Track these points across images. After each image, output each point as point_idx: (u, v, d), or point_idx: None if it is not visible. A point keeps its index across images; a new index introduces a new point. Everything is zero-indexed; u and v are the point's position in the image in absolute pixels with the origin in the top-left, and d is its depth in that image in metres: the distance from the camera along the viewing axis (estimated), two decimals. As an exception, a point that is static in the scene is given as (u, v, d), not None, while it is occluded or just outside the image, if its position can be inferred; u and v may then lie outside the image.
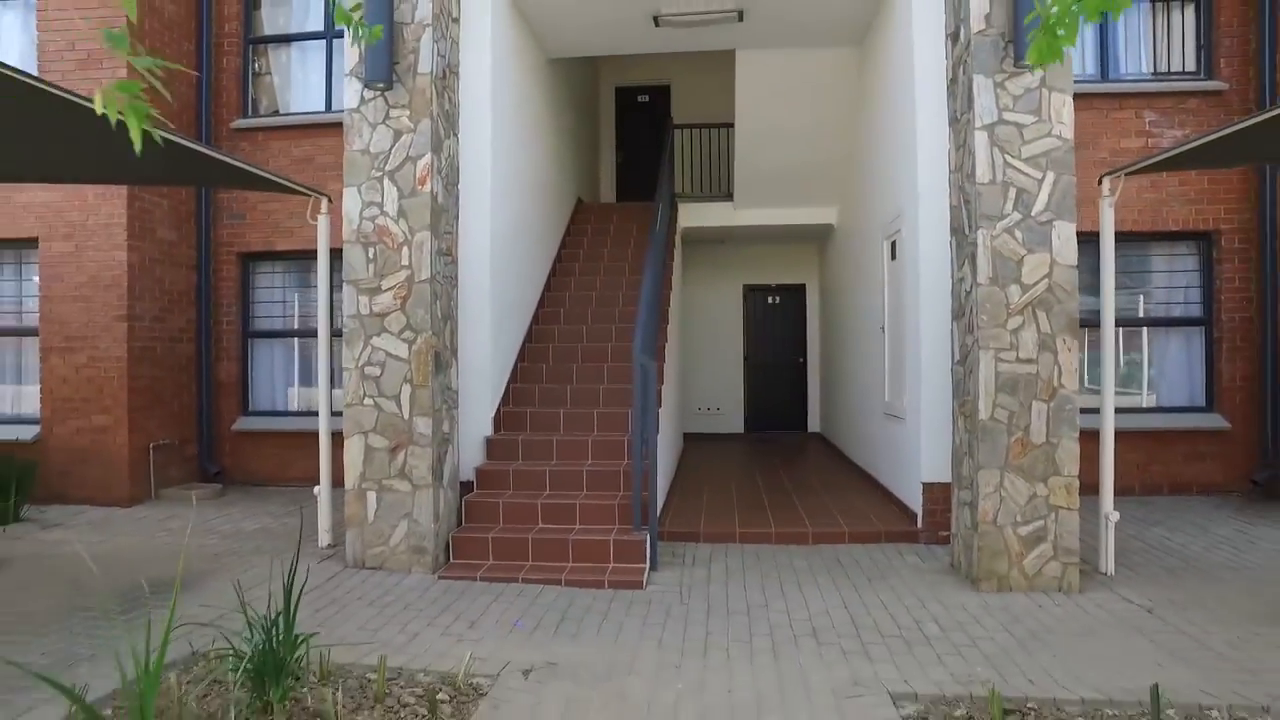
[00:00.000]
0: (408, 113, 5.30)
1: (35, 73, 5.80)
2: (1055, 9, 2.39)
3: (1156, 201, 7.57)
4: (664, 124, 11.29)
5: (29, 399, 7.76)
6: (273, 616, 3.09)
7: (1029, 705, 3.21)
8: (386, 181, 5.30)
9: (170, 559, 5.47)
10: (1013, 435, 4.85)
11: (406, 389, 5.24)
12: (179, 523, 6.63)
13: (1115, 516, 5.14)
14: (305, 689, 3.19)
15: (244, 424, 8.45)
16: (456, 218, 5.82)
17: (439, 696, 3.23)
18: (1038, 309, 4.86)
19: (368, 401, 5.30)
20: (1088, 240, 6.19)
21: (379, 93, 5.32)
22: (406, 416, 5.22)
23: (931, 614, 4.40)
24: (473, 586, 4.91)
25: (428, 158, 5.27)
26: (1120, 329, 7.88)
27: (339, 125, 6.93)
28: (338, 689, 3.17)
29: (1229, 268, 7.55)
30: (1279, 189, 7.29)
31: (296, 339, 8.63)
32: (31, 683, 3.05)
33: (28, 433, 7.39)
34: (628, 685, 3.48)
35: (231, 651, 3.04)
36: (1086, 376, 7.60)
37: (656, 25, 7.42)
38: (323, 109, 8.46)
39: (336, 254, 5.84)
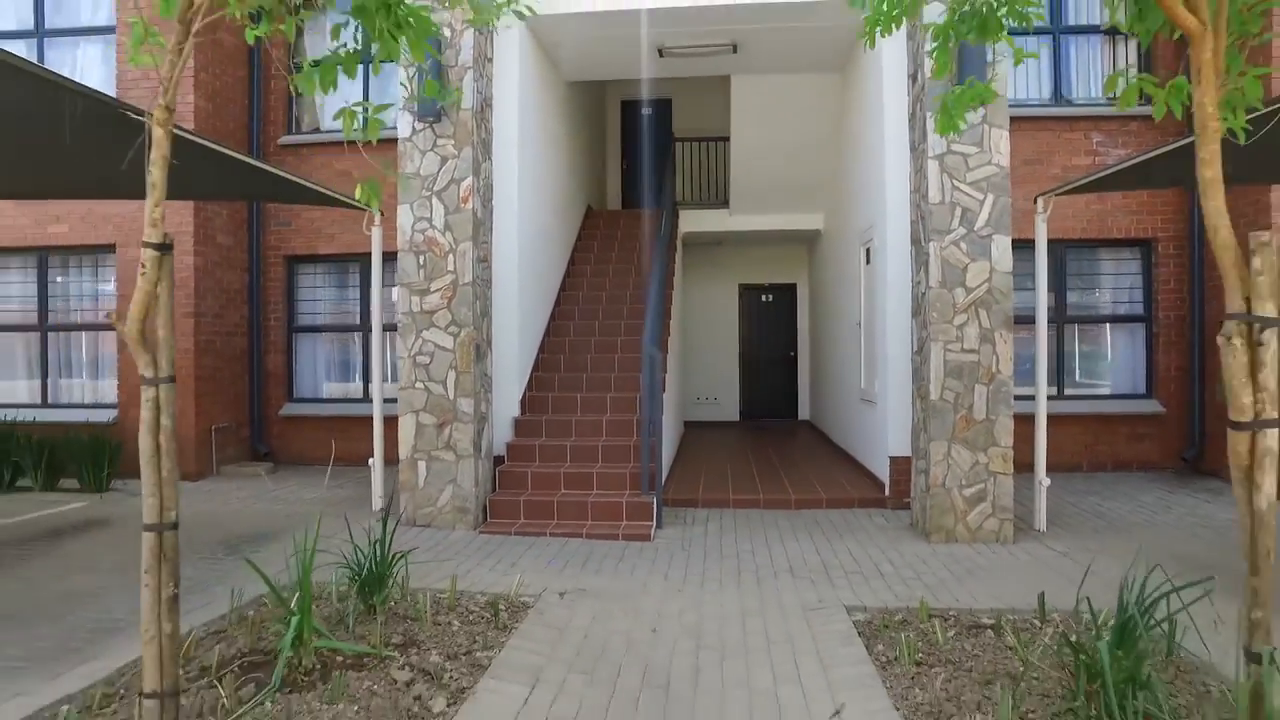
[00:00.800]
0: (452, 141, 6.28)
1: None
2: (950, 98, 3.38)
3: (1103, 212, 8.56)
4: (666, 136, 12.27)
5: (106, 389, 8.74)
6: (366, 549, 4.07)
7: (950, 612, 4.21)
8: (434, 200, 6.28)
9: (248, 520, 6.46)
10: (958, 413, 5.85)
11: (452, 375, 6.23)
12: (244, 493, 7.63)
13: (1047, 483, 6.13)
14: (398, 598, 4.18)
15: (289, 409, 9.44)
16: (491, 229, 6.80)
17: (499, 606, 4.22)
18: (979, 308, 5.86)
19: (419, 385, 6.28)
20: (1025, 246, 7.14)
21: (428, 124, 6.30)
22: (452, 398, 6.22)
23: (888, 558, 5.39)
24: (509, 539, 5.90)
25: (469, 180, 6.25)
26: (1075, 325, 8.90)
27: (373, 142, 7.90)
28: (424, 597, 4.15)
29: (1165, 271, 8.55)
30: (1209, 202, 8.27)
31: (335, 333, 9.62)
32: (190, 590, 4.04)
33: (107, 416, 8.38)
34: (641, 602, 4.48)
35: (346, 564, 4.02)
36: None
37: (661, 56, 8.39)
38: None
39: (386, 261, 6.83)
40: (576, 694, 3.30)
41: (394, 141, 6.50)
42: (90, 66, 8.70)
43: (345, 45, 3.07)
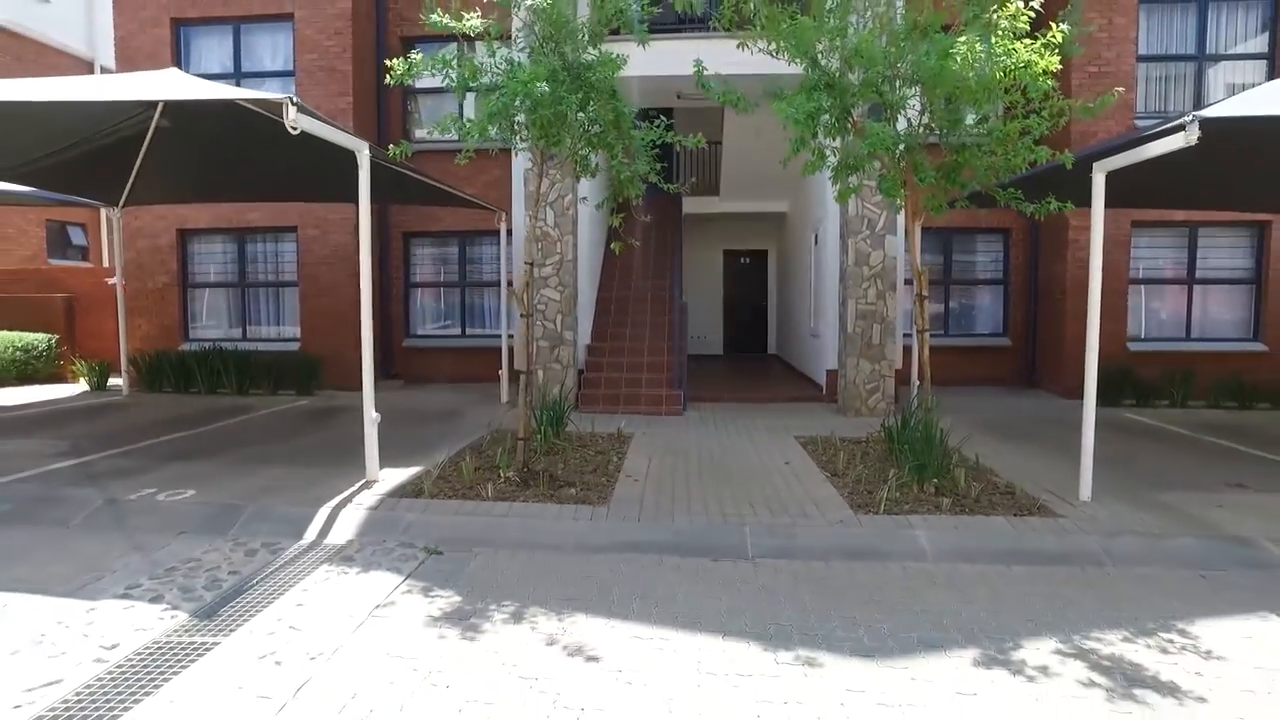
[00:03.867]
0: (559, 171, 10.03)
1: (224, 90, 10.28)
2: (842, 190, 7.28)
3: (976, 213, 12.56)
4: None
5: (288, 330, 12.48)
6: (552, 402, 7.97)
7: (845, 438, 8.26)
8: (548, 208, 10.07)
9: (434, 406, 10.33)
10: (863, 340, 9.91)
11: (559, 316, 10.11)
12: (403, 396, 11.47)
13: (916, 384, 10.22)
14: (565, 429, 8.14)
15: (409, 343, 13.25)
16: (574, 225, 10.62)
17: (619, 435, 8.21)
18: (877, 278, 9.88)
19: (539, 324, 10.16)
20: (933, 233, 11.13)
21: (542, 161, 10.03)
22: (558, 330, 10.11)
23: (820, 422, 9.47)
24: (598, 415, 9.87)
25: (570, 196, 10.05)
26: (957, 286, 12.98)
27: (459, 150, 11.56)
28: (584, 430, 8.11)
29: (1015, 251, 12.64)
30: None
31: (441, 288, 13.38)
32: (423, 451, 7.99)
33: (292, 346, 12.14)
34: (685, 437, 8.52)
35: (536, 415, 7.95)
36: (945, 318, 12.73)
37: (679, 98, 12.15)
38: (454, 138, 13.03)
39: (478, 236, 10.65)
40: (669, 465, 7.32)
41: (508, 151, 10.17)
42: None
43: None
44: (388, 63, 6.40)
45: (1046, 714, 3.12)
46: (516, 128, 6.24)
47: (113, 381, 12.18)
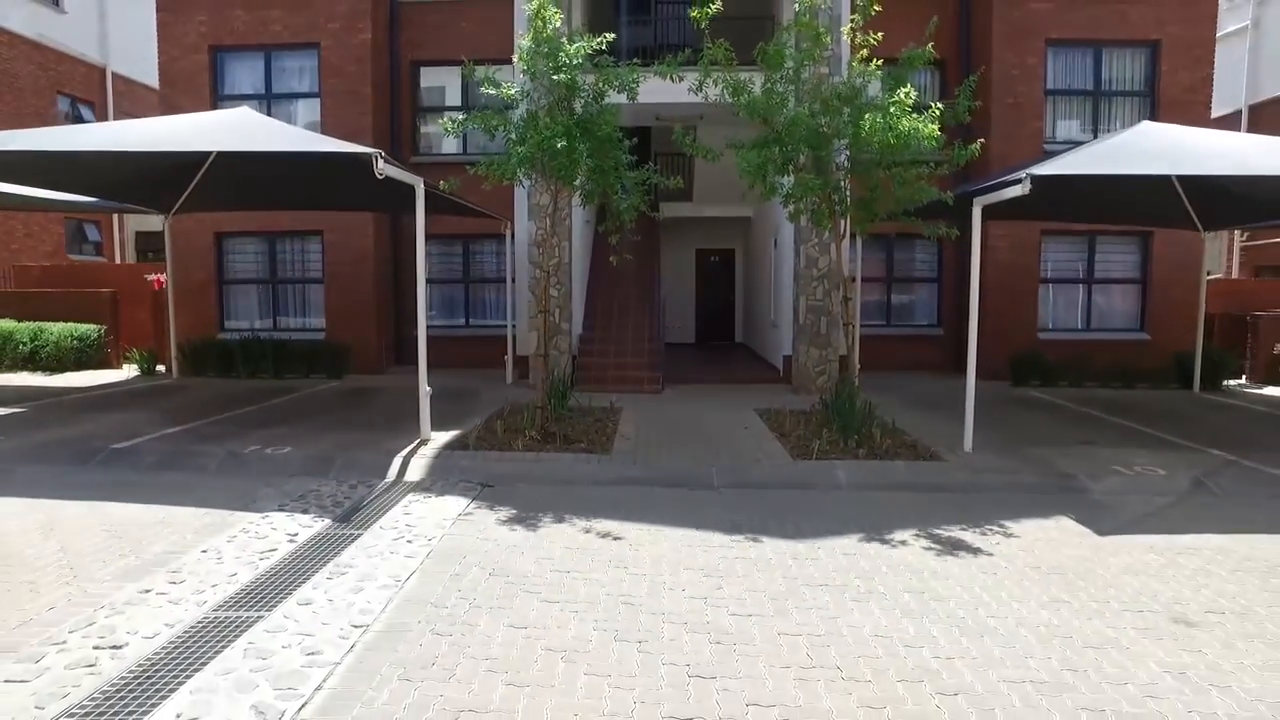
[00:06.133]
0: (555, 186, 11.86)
1: (318, 140, 11.90)
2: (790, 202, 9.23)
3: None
4: (648, 151, 17.85)
5: (314, 320, 14.20)
6: (556, 378, 9.84)
7: (794, 410, 10.24)
8: (548, 219, 11.90)
9: (445, 387, 12.14)
10: (813, 331, 11.91)
11: (558, 310, 11.96)
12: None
13: (858, 368, 12.26)
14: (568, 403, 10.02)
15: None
16: (570, 233, 12.47)
17: (610, 406, 10.12)
18: (824, 279, 11.87)
19: (541, 315, 12.01)
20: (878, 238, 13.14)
21: (543, 179, 11.86)
22: (557, 321, 11.96)
23: (775, 398, 11.43)
24: (591, 393, 11.74)
25: (566, 208, 11.90)
26: (898, 283, 15.04)
27: (467, 163, 13.33)
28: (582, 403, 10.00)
29: (948, 252, 14.68)
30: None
31: (442, 284, 15.15)
32: (446, 421, 9.87)
33: (319, 335, 13.87)
34: (665, 409, 10.46)
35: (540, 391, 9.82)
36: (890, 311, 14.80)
37: (657, 120, 14.02)
38: (460, 151, 14.79)
39: (480, 238, 12.50)
40: (653, 429, 9.24)
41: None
42: (300, 116, 13.91)
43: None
44: (441, 122, 8.15)
45: (897, 558, 5.11)
46: (538, 169, 8.05)
47: (157, 367, 13.81)
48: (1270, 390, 13.10)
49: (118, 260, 21.30)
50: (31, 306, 14.64)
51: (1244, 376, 13.93)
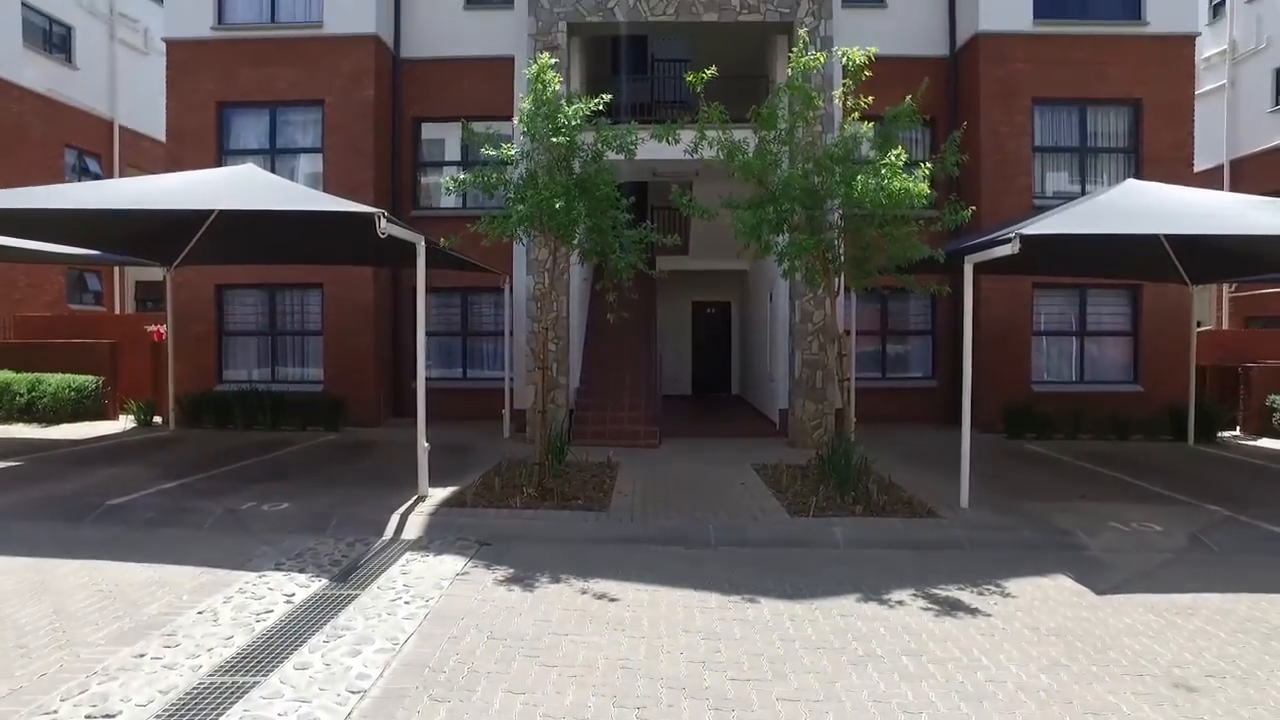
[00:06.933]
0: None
1: (321, 199, 12.00)
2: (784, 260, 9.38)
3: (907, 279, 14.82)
4: (644, 205, 18.14)
5: (313, 372, 14.25)
6: (555, 436, 9.86)
7: (791, 464, 10.25)
8: (546, 274, 12.05)
9: (444, 440, 12.14)
10: (809, 385, 11.99)
11: (555, 364, 12.03)
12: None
13: (853, 422, 12.30)
14: (566, 457, 10.03)
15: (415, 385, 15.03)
16: (568, 288, 12.61)
17: (607, 462, 10.12)
18: (820, 333, 12.00)
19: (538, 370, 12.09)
20: (872, 291, 13.30)
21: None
22: (555, 375, 12.02)
23: (772, 452, 11.45)
24: (588, 447, 11.76)
25: (564, 263, 12.05)
26: (893, 335, 15.18)
27: (466, 217, 13.52)
28: (574, 456, 10.01)
29: (941, 305, 14.85)
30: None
31: (441, 336, 15.24)
32: (440, 475, 9.87)
33: (317, 387, 13.91)
34: (661, 464, 10.46)
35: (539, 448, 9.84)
36: (884, 361, 14.90)
37: (654, 176, 14.30)
38: (459, 206, 15.03)
39: (478, 291, 12.62)
40: (650, 484, 9.25)
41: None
42: (303, 169, 14.16)
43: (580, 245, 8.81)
44: (443, 181, 8.32)
45: (895, 619, 5.10)
46: (537, 227, 8.20)
47: (154, 419, 13.80)
48: (1265, 442, 13.16)
49: (118, 310, 21.41)
50: (31, 357, 14.69)
51: (1237, 428, 14.00)
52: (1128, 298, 14.12)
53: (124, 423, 13.93)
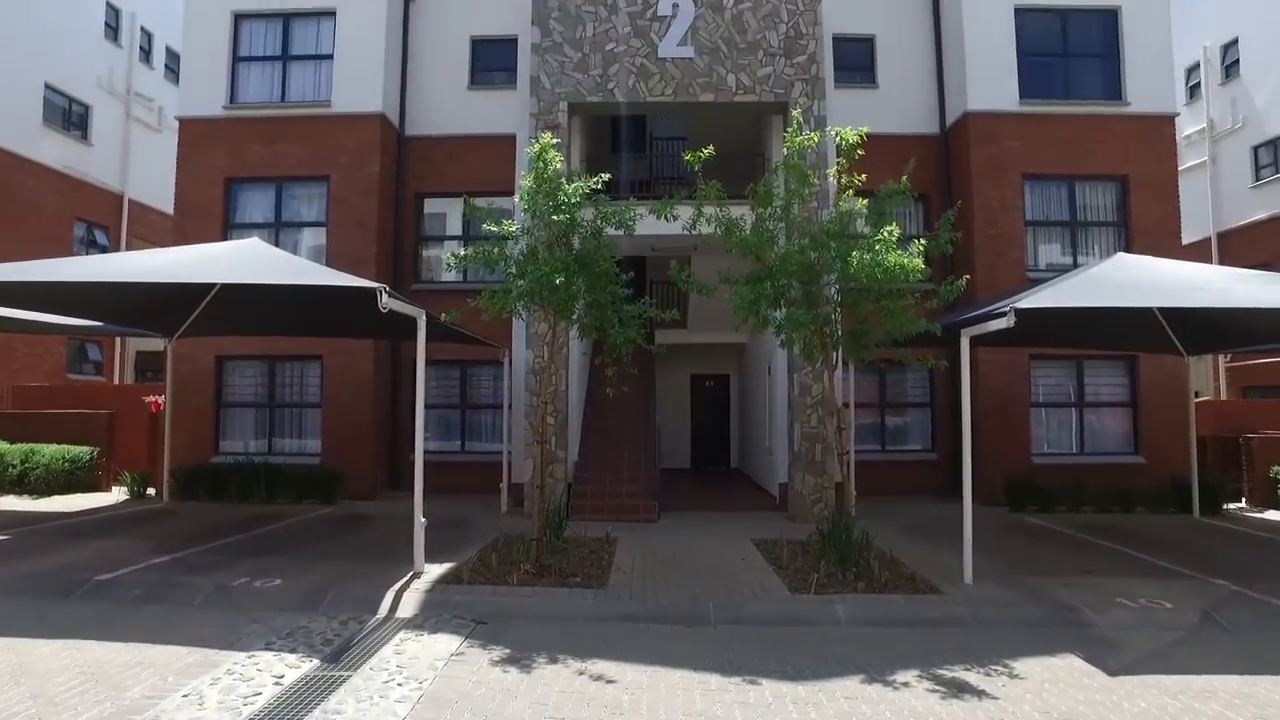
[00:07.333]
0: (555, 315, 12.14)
1: (324, 274, 12.13)
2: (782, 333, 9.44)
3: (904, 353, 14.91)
4: (642, 278, 18.38)
5: (310, 444, 14.18)
6: (553, 511, 9.75)
7: (793, 540, 10.11)
8: (545, 347, 12.12)
9: (442, 517, 11.99)
10: (808, 458, 11.92)
11: (553, 438, 11.98)
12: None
13: (854, 496, 12.18)
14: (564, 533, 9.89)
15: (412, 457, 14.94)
16: (567, 361, 12.65)
17: (606, 537, 9.98)
18: (819, 406, 11.99)
19: (536, 444, 12.03)
20: (870, 364, 13.33)
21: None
22: (554, 449, 11.96)
23: (771, 527, 11.30)
24: (586, 521, 11.61)
25: (564, 337, 12.13)
26: (891, 408, 15.17)
27: (466, 291, 13.61)
28: (573, 532, 9.87)
29: (939, 378, 14.88)
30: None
31: (440, 409, 15.22)
32: (444, 549, 9.74)
33: (314, 460, 13.81)
34: (661, 538, 10.32)
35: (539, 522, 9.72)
36: (884, 433, 14.86)
37: (652, 250, 14.51)
38: (460, 279, 15.20)
39: (477, 364, 12.65)
40: (649, 560, 9.10)
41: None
42: (307, 241, 14.39)
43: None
44: (445, 257, 8.44)
45: (900, 702, 4.95)
46: (537, 302, 8.28)
47: (147, 491, 13.66)
48: (1271, 514, 13.02)
49: (117, 380, 21.43)
50: (28, 427, 14.63)
51: (1243, 500, 13.87)
52: (1125, 368, 14.18)
53: (117, 494, 13.78)
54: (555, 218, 8.05)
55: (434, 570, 8.14)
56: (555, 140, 8.53)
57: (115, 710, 4.70)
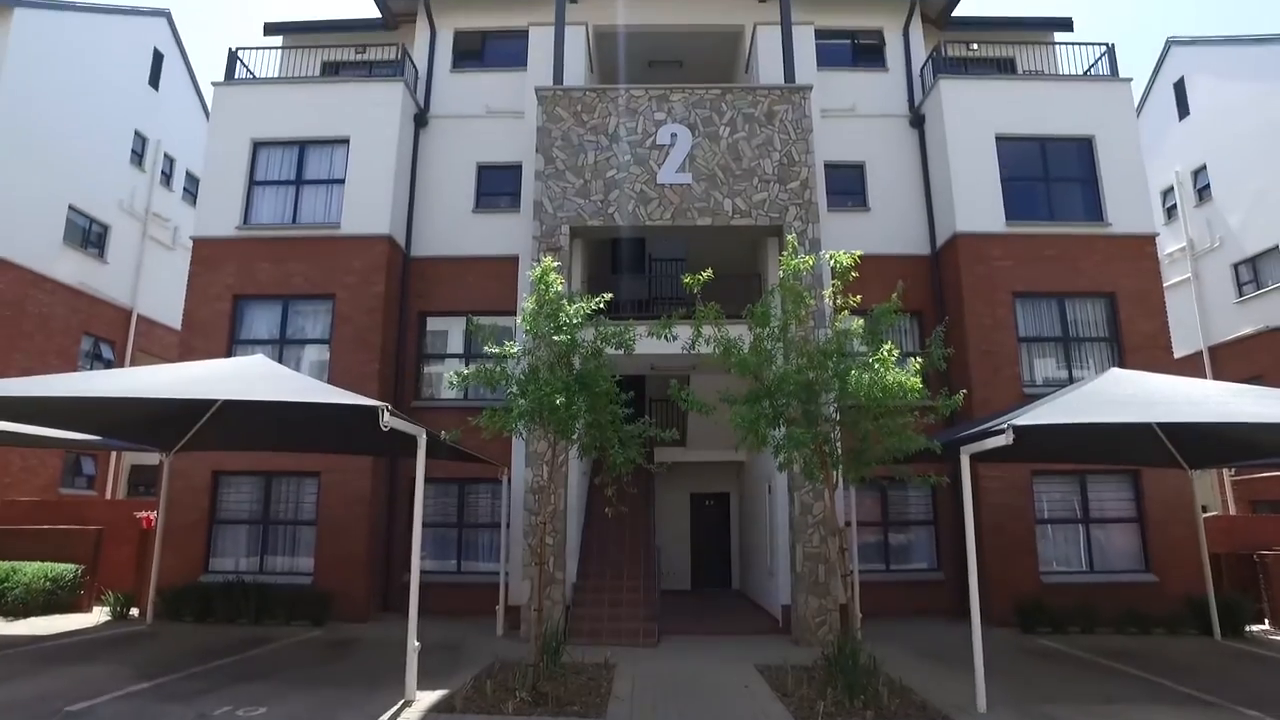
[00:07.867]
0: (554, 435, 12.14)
1: (327, 391, 12.12)
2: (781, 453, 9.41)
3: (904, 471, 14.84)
4: (642, 399, 18.48)
5: (303, 563, 13.86)
6: (550, 636, 9.44)
7: (797, 665, 9.74)
8: (545, 466, 12.05)
9: (434, 640, 11.60)
10: (811, 579, 11.64)
11: (552, 559, 11.73)
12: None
13: (859, 618, 11.82)
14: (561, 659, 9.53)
15: (406, 578, 14.59)
16: (566, 480, 12.54)
17: (604, 664, 9.62)
18: (820, 525, 11.81)
19: (535, 564, 11.78)
20: (871, 482, 13.21)
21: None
22: (551, 570, 11.70)
23: (775, 652, 10.89)
24: (585, 646, 11.21)
25: (563, 456, 12.08)
26: (895, 526, 14.93)
27: (466, 408, 13.53)
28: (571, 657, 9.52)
29: (942, 495, 14.73)
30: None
31: (436, 528, 14.96)
32: (443, 670, 9.39)
33: (306, 580, 13.47)
34: (655, 664, 9.94)
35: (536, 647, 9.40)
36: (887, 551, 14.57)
37: (652, 369, 14.67)
38: (460, 397, 15.26)
39: (475, 482, 12.53)
40: (649, 688, 8.75)
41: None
42: (310, 357, 14.57)
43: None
44: (447, 375, 8.56)
45: None
46: (537, 421, 8.33)
47: (131, 612, 13.24)
48: (1293, 638, 12.61)
49: (109, 494, 21.17)
50: (14, 544, 14.31)
51: (1266, 621, 13.44)
52: (1128, 483, 14.06)
53: (98, 615, 13.34)
54: (557, 338, 8.20)
55: (426, 698, 7.81)
56: (557, 263, 8.83)
57: None
